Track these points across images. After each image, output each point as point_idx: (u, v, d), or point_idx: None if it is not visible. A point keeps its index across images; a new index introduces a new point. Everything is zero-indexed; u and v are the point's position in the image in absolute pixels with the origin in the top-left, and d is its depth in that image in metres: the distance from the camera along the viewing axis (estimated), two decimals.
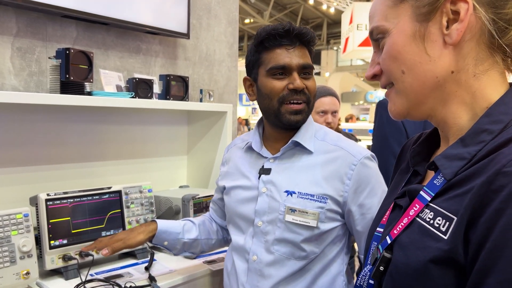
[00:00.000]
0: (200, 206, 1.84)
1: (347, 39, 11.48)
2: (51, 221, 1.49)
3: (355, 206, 1.24)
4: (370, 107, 15.40)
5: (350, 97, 18.82)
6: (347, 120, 9.67)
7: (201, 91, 2.17)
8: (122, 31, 2.00)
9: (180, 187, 2.21)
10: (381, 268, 0.68)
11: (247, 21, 16.32)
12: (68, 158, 1.83)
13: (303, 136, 1.30)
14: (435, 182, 0.67)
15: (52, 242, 1.48)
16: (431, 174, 0.73)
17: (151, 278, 1.50)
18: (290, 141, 1.29)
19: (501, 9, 0.63)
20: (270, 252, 1.27)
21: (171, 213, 1.82)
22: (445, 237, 0.60)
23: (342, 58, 17.55)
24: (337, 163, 1.26)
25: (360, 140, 2.66)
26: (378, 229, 0.79)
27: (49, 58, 1.65)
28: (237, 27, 2.61)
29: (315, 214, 1.23)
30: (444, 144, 0.74)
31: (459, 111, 0.68)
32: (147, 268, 1.59)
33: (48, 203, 1.49)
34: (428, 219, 0.64)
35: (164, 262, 1.66)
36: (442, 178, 0.65)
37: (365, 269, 0.77)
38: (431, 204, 0.65)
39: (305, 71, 1.28)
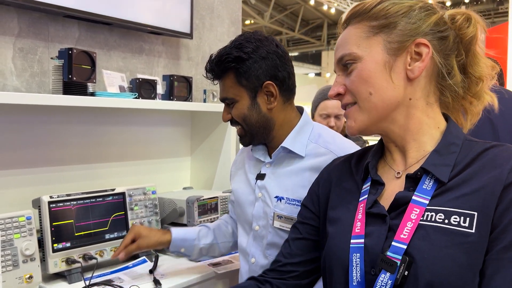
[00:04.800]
0: (205, 208, 1.81)
1: None
2: (54, 224, 1.47)
3: None
4: None
5: None
6: None
7: (204, 91, 2.15)
8: (125, 31, 1.97)
9: (184, 188, 2.19)
10: (406, 273, 0.73)
11: (247, 22, 16.32)
12: (71, 159, 1.81)
13: (293, 141, 1.29)
14: (424, 187, 0.78)
15: (55, 245, 1.46)
16: (386, 177, 0.85)
17: (156, 281, 1.48)
18: (280, 147, 1.30)
19: (447, 59, 0.82)
20: (265, 256, 1.30)
21: (175, 215, 1.79)
22: (473, 231, 0.71)
23: None
24: None
25: (367, 142, 2.61)
26: (353, 240, 0.82)
27: (52, 58, 1.63)
28: (240, 27, 2.59)
29: None
30: (396, 156, 0.87)
31: (417, 129, 0.83)
32: (151, 271, 1.57)
33: (51, 205, 1.47)
34: (440, 220, 0.73)
35: (168, 265, 1.64)
36: (431, 183, 0.77)
37: (381, 279, 0.75)
38: (431, 207, 0.75)
39: (227, 102, 1.33)
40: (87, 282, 1.44)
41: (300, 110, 1.38)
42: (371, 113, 0.83)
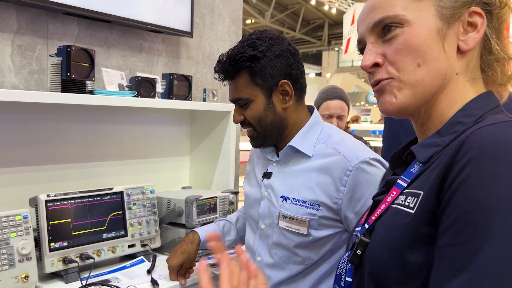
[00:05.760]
0: (204, 207, 1.80)
1: (348, 40, 11.44)
2: (51, 222, 1.46)
3: (351, 214, 1.19)
4: (372, 108, 15.36)
5: (351, 98, 18.76)
6: (352, 122, 9.60)
7: (204, 90, 2.14)
8: (125, 29, 1.96)
9: (183, 188, 2.17)
10: (359, 252, 0.72)
11: (248, 21, 16.29)
12: (69, 158, 1.79)
13: (301, 140, 1.27)
14: (411, 170, 0.72)
15: (52, 244, 1.45)
16: None
17: (153, 282, 1.47)
18: (287, 146, 1.28)
19: (500, 41, 0.73)
20: (270, 255, 1.30)
21: (174, 214, 1.78)
22: (412, 212, 0.64)
23: (344, 59, 17.52)
24: (333, 169, 1.21)
25: (368, 143, 2.58)
26: (357, 228, 0.82)
27: (50, 56, 1.62)
28: (240, 26, 2.58)
29: (305, 222, 1.21)
30: (420, 140, 0.79)
31: (447, 109, 0.72)
32: (149, 271, 1.56)
33: (48, 204, 1.46)
34: (401, 202, 0.69)
35: (166, 265, 1.63)
36: (419, 166, 0.71)
37: (344, 256, 0.79)
38: (406, 190, 0.70)
39: (240, 103, 1.29)
40: (84, 282, 1.42)
41: (311, 109, 1.36)
42: (416, 88, 0.71)
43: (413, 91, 0.71)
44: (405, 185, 0.71)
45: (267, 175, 1.32)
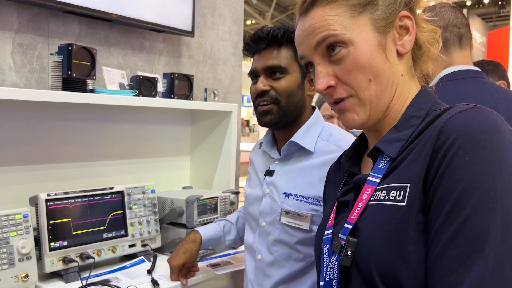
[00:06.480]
0: (204, 207, 1.79)
1: None
2: (51, 222, 1.45)
3: None
4: None
5: None
6: None
7: (205, 90, 2.13)
8: (126, 28, 1.95)
9: (184, 188, 2.16)
10: (349, 253, 0.71)
11: (248, 22, 16.30)
12: (69, 157, 1.78)
13: (303, 136, 1.28)
14: (379, 166, 0.74)
15: (52, 243, 1.44)
16: (368, 167, 0.81)
17: (154, 282, 1.46)
18: (289, 141, 1.29)
19: (422, 32, 0.80)
20: (270, 253, 1.30)
21: (175, 214, 1.77)
22: (404, 204, 0.66)
23: None
24: None
25: None
26: (326, 232, 0.82)
27: (51, 54, 1.61)
28: (241, 26, 2.57)
29: (307, 217, 1.22)
30: (371, 141, 0.83)
31: (399, 107, 0.78)
32: (149, 271, 1.55)
33: (48, 203, 1.45)
34: (382, 198, 0.70)
35: (167, 265, 1.62)
36: (386, 160, 0.74)
37: (331, 261, 0.77)
38: (381, 185, 0.72)
39: (273, 71, 1.26)
40: (84, 282, 1.42)
41: (312, 108, 1.38)
42: (373, 102, 0.75)
43: (371, 106, 0.76)
44: (377, 181, 0.73)
45: (269, 172, 1.33)
